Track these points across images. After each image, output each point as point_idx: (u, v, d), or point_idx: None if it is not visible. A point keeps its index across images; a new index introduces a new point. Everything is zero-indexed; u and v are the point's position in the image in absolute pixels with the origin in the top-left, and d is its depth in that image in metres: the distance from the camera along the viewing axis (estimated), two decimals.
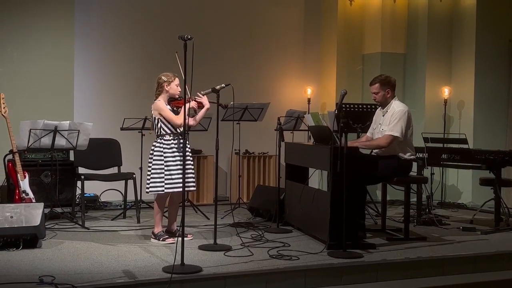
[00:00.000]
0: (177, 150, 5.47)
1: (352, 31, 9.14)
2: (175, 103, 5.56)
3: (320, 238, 5.58)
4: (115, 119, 7.45)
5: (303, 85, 9.15)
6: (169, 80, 5.51)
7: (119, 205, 7.49)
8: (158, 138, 5.52)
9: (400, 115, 5.62)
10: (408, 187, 5.89)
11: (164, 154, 5.46)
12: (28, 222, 5.11)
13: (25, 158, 6.82)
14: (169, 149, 5.47)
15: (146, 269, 4.47)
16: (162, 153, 5.46)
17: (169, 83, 5.50)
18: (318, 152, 5.78)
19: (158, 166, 5.45)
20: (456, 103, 8.79)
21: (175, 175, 5.43)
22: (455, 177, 8.67)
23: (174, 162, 5.45)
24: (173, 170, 5.44)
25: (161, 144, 5.48)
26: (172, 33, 7.72)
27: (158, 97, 5.53)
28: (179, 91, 5.55)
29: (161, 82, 5.52)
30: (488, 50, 8.60)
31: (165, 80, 5.51)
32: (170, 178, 5.43)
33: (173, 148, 5.48)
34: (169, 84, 5.50)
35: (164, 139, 5.49)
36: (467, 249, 5.48)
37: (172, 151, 5.47)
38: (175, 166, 5.44)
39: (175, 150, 5.47)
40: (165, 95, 5.53)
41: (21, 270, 4.39)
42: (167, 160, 5.45)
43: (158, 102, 5.48)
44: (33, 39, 7.33)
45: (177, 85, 5.54)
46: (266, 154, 8.59)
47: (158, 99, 5.51)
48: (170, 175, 5.44)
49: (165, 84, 5.50)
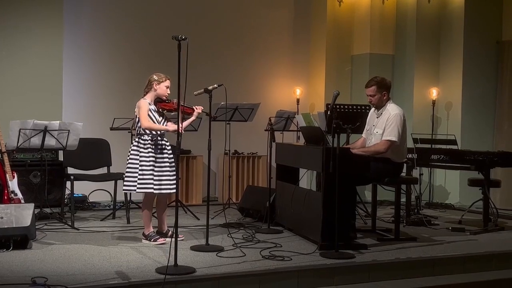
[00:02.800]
0: (153, 151, 5.44)
1: (341, 32, 9.16)
2: (162, 105, 5.54)
3: (312, 239, 5.59)
4: (105, 119, 7.42)
5: (292, 86, 9.16)
6: (159, 80, 5.49)
7: (107, 206, 7.45)
8: (137, 137, 5.50)
9: (395, 119, 5.63)
10: (398, 188, 5.93)
11: (140, 153, 5.43)
12: (18, 223, 5.06)
13: (14, 158, 6.78)
14: (144, 149, 5.43)
15: (139, 270, 4.45)
16: (138, 152, 5.43)
17: (159, 82, 5.48)
18: (310, 152, 5.79)
19: (133, 165, 5.43)
20: (444, 104, 8.85)
21: (147, 176, 5.39)
22: (443, 177, 8.74)
23: (148, 163, 5.41)
24: (146, 170, 5.40)
25: (138, 143, 5.45)
26: (162, 33, 7.82)
27: (146, 95, 5.51)
28: (167, 93, 5.53)
29: (152, 80, 5.50)
30: (476, 51, 8.67)
31: (156, 79, 5.49)
32: (142, 178, 5.40)
33: (149, 148, 5.43)
34: (159, 83, 5.48)
35: (142, 138, 5.45)
36: (456, 249, 5.52)
37: (147, 151, 5.43)
38: (148, 167, 5.40)
39: (150, 150, 5.44)
40: (153, 94, 5.50)
41: (13, 272, 4.35)
42: (141, 160, 5.41)
43: (141, 100, 5.46)
44: (21, 38, 7.27)
45: (167, 87, 5.51)
46: (255, 154, 8.59)
47: (144, 98, 5.50)
48: (142, 175, 5.40)
49: (155, 83, 5.47)
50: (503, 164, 6.61)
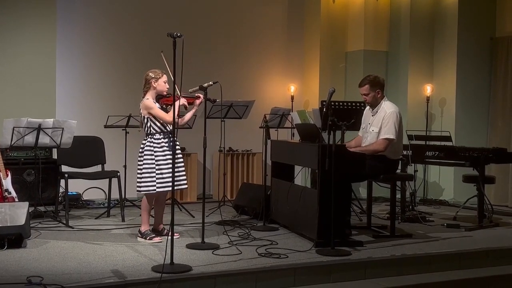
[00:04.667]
0: (168, 148, 5.43)
1: (335, 28, 9.15)
2: (164, 100, 5.52)
3: (308, 236, 5.59)
4: (99, 117, 7.38)
5: (287, 83, 9.15)
6: (156, 77, 5.46)
7: (101, 204, 7.42)
8: (148, 137, 5.46)
9: (392, 117, 5.64)
10: (394, 185, 5.93)
11: (155, 153, 5.40)
12: (13, 222, 5.03)
13: (7, 156, 6.74)
14: (159, 148, 5.42)
15: (135, 269, 4.43)
16: (152, 152, 5.41)
17: (156, 79, 5.45)
18: (305, 150, 5.78)
19: (149, 165, 5.40)
20: (438, 101, 8.87)
21: (166, 174, 5.39)
22: (437, 174, 8.75)
23: (165, 161, 5.40)
24: (164, 169, 5.39)
25: (151, 143, 5.42)
26: (156, 30, 7.78)
27: (146, 95, 5.47)
28: (166, 88, 5.50)
29: (149, 78, 5.47)
30: (470, 48, 8.69)
31: (153, 76, 5.46)
32: (161, 177, 5.39)
33: (164, 147, 5.43)
34: (157, 80, 5.45)
35: (154, 138, 5.43)
36: (452, 246, 5.53)
37: (162, 150, 5.42)
38: (166, 165, 5.40)
39: (165, 149, 5.43)
40: (153, 92, 5.47)
41: (8, 271, 4.32)
42: (158, 160, 5.40)
43: (146, 101, 5.42)
44: (14, 35, 7.22)
45: (165, 82, 5.49)
46: (250, 152, 8.58)
47: (146, 97, 5.45)
48: (161, 174, 5.39)
49: (153, 81, 5.44)
50: (497, 160, 6.63)
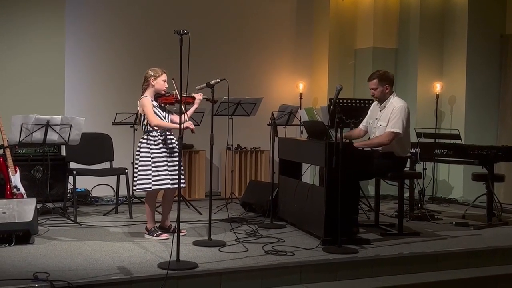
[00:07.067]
0: (164, 146, 5.42)
1: (344, 25, 9.12)
2: (163, 99, 5.51)
3: (315, 234, 5.57)
4: (107, 114, 7.39)
5: (295, 80, 9.13)
6: (155, 75, 5.45)
7: (110, 200, 7.44)
8: (145, 134, 5.46)
9: (400, 111, 5.61)
10: (402, 183, 5.90)
11: (151, 150, 5.40)
12: (20, 218, 5.05)
13: (16, 153, 6.77)
14: (155, 145, 5.41)
15: (141, 265, 4.44)
16: (149, 149, 5.41)
17: (155, 78, 5.44)
18: (313, 147, 5.76)
19: (145, 163, 5.40)
20: (447, 98, 8.82)
21: (162, 172, 5.38)
22: (446, 172, 8.71)
23: (161, 159, 5.40)
24: (160, 167, 5.38)
25: (148, 140, 5.42)
26: (165, 27, 7.79)
27: (145, 92, 5.47)
28: (165, 87, 5.50)
29: (148, 76, 5.46)
30: (480, 45, 8.63)
31: (152, 74, 5.45)
32: (157, 175, 5.37)
33: (160, 144, 5.42)
34: (156, 79, 5.44)
35: (150, 135, 5.43)
36: (460, 244, 5.50)
37: (159, 148, 5.41)
38: (162, 163, 5.39)
39: (161, 146, 5.42)
40: (151, 90, 5.47)
41: (15, 267, 4.34)
42: (154, 157, 5.39)
43: (144, 99, 5.42)
44: (23, 33, 7.25)
45: (164, 81, 5.47)
46: (258, 149, 8.57)
47: (144, 95, 5.45)
48: (157, 172, 5.38)
49: (152, 79, 5.44)
50: (507, 158, 6.57)
